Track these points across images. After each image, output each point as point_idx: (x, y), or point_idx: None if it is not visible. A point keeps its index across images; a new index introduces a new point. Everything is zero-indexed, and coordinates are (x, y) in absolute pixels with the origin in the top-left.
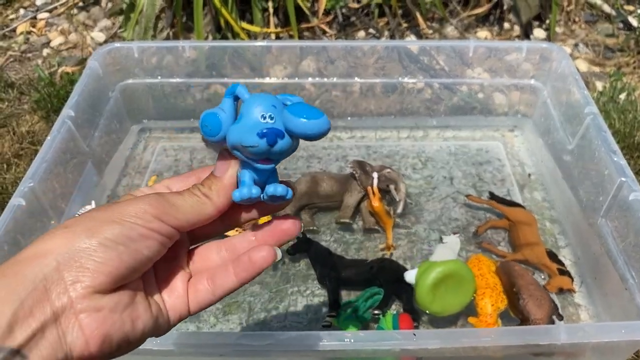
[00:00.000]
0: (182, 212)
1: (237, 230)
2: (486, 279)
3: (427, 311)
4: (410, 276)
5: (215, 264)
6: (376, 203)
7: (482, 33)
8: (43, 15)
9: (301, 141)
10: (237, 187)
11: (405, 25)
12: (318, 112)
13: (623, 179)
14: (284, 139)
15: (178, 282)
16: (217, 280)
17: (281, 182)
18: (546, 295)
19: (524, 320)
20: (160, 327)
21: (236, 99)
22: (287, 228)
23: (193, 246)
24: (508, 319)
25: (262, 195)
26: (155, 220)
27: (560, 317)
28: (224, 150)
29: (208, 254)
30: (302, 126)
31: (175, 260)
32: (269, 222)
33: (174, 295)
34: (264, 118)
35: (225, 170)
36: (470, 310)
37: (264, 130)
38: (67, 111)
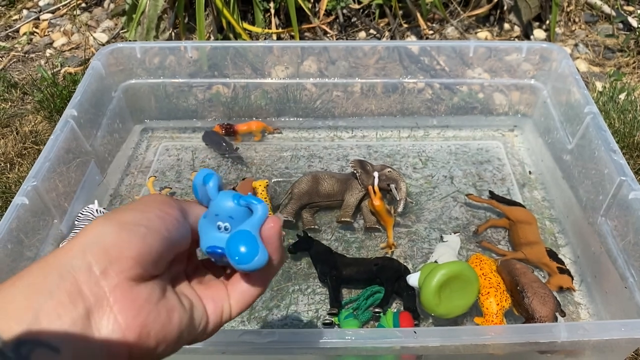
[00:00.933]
0: (197, 212)
1: None
2: (489, 278)
3: (433, 314)
4: (413, 280)
5: None
6: (377, 202)
7: (483, 33)
8: (46, 16)
9: (302, 141)
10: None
11: (405, 25)
12: (251, 251)
13: (623, 178)
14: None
15: (216, 281)
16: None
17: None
18: (549, 292)
19: (529, 318)
20: (196, 324)
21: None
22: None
23: None
24: (511, 317)
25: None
26: (172, 207)
27: (563, 314)
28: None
29: None
30: (235, 263)
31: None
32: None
33: (214, 294)
34: (220, 228)
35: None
36: (474, 310)
37: (208, 250)
38: (70, 111)
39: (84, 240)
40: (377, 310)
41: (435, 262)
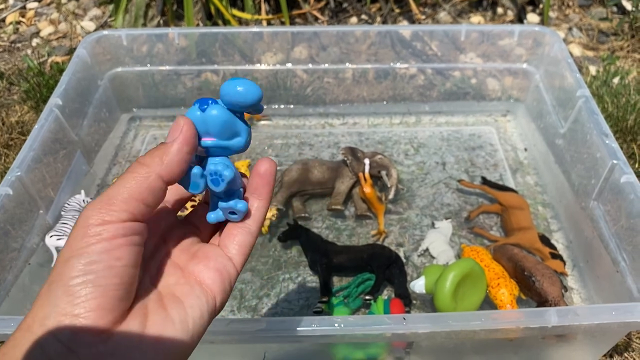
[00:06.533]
0: (128, 199)
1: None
2: (492, 268)
3: None
4: (419, 286)
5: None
6: (368, 189)
7: (476, 18)
8: (32, 4)
9: (292, 128)
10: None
11: (397, 10)
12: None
13: (615, 161)
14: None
15: (207, 246)
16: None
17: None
18: (552, 271)
19: (543, 301)
20: (209, 307)
21: None
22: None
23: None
24: (520, 302)
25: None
26: (105, 229)
27: (566, 289)
28: (179, 118)
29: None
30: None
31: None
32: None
33: (211, 264)
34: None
35: (176, 135)
36: (483, 304)
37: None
38: (55, 100)
39: (41, 314)
40: (367, 297)
41: (427, 249)
